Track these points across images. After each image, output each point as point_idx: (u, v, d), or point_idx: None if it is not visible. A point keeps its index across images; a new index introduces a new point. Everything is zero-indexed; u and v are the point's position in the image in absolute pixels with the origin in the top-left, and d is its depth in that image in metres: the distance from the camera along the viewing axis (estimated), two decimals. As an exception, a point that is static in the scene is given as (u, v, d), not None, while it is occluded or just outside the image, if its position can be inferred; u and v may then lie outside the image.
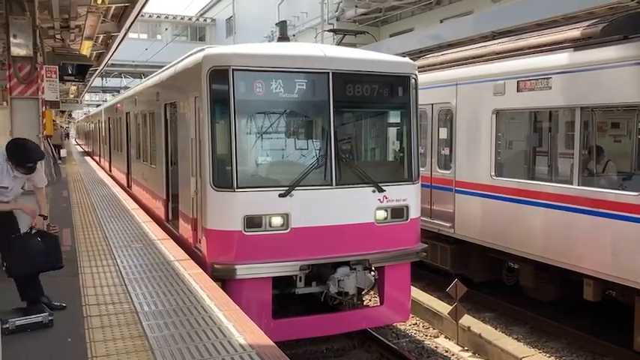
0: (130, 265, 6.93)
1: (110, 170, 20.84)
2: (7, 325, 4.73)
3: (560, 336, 8.17)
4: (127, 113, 15.37)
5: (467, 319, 8.19)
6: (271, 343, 4.60)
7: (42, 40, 8.32)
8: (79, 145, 50.59)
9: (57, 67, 10.40)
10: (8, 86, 7.16)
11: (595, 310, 8.42)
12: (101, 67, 20.06)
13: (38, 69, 7.18)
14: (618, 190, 7.19)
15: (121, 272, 6.63)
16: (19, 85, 6.98)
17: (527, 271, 8.77)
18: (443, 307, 8.78)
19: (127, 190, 14.96)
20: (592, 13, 9.00)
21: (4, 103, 10.69)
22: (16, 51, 6.79)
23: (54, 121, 19.21)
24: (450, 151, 9.87)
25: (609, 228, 7.01)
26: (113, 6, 11.09)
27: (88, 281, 6.27)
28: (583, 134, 7.56)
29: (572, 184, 7.56)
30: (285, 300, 7.22)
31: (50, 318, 4.97)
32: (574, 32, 7.92)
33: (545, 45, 8.25)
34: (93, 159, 29.86)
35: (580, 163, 7.52)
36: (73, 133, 61.65)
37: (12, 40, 6.72)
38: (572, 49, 7.73)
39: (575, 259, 7.52)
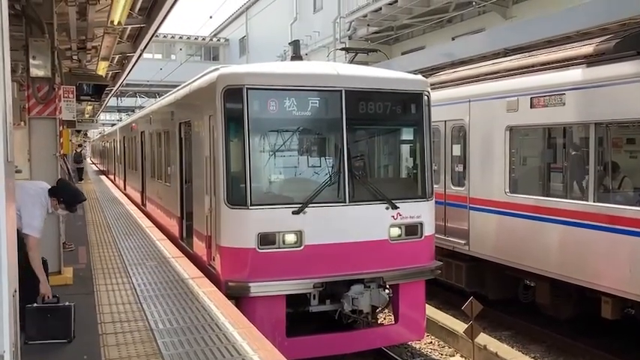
0: (144, 283, 6.96)
1: (125, 189, 21.01)
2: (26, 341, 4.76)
3: (578, 354, 8.03)
4: (141, 132, 15.54)
5: (483, 338, 8.08)
6: (286, 361, 4.58)
7: (60, 61, 8.46)
8: (94, 163, 51.11)
9: (74, 87, 10.58)
10: (27, 106, 7.28)
11: (613, 328, 8.27)
12: (116, 86, 20.32)
13: (56, 89, 7.29)
14: (635, 206, 7.12)
15: (135, 290, 6.66)
16: (38, 105, 7.08)
17: (543, 289, 8.67)
18: (458, 326, 8.68)
19: (141, 208, 15.06)
20: (604, 29, 8.99)
21: (22, 123, 10.86)
22: (34, 72, 6.91)
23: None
24: (464, 167, 9.85)
25: (626, 244, 6.92)
26: (129, 27, 11.27)
27: (103, 299, 6.31)
28: (598, 150, 7.51)
29: (587, 200, 7.49)
30: (299, 318, 7.20)
31: (67, 335, 4.99)
32: (587, 48, 7.91)
33: (558, 61, 8.25)
34: (108, 178, 30.14)
35: (595, 180, 7.46)
36: (88, 152, 62.28)
37: (31, 61, 6.84)
38: (585, 65, 7.72)
39: (592, 277, 7.42)
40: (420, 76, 8.32)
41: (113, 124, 37.97)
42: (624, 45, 7.33)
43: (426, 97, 7.78)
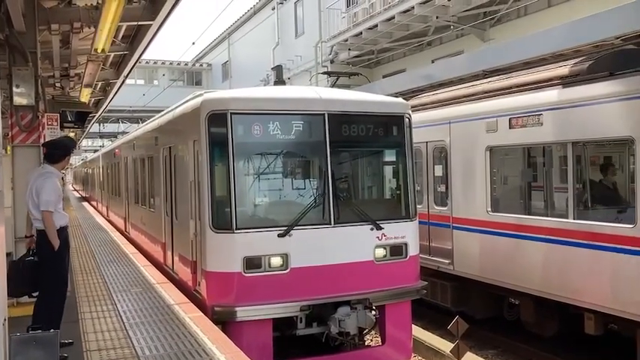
0: (130, 310, 6.91)
1: (108, 215, 20.83)
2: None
3: (564, 371, 8.09)
4: (125, 158, 15.49)
5: (469, 357, 8.12)
6: (274, 384, 4.57)
7: (43, 89, 8.50)
8: (77, 190, 50.59)
9: (58, 114, 10.58)
10: (10, 134, 7.28)
11: (598, 344, 8.36)
12: (99, 113, 20.32)
13: (40, 117, 7.31)
14: (614, 223, 7.26)
15: (121, 317, 6.61)
16: (21, 134, 7.10)
17: (527, 307, 8.75)
18: (445, 345, 8.70)
19: (125, 234, 14.94)
20: (579, 51, 9.26)
21: (3, 151, 10.78)
22: (18, 100, 6.94)
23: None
24: (446, 187, 9.97)
25: (606, 261, 7.05)
26: (112, 54, 11.34)
27: (88, 327, 6.25)
28: (576, 168, 7.68)
29: (567, 218, 7.63)
30: (286, 341, 7.18)
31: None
32: (562, 70, 8.14)
33: (535, 82, 8.46)
34: (90, 204, 29.85)
35: (574, 197, 7.62)
36: (69, 178, 61.67)
37: (15, 89, 6.88)
38: (561, 86, 7.94)
39: (574, 293, 7.52)
40: (400, 99, 8.47)
41: (95, 150, 37.73)
42: (597, 66, 7.56)
43: (407, 119, 7.92)
